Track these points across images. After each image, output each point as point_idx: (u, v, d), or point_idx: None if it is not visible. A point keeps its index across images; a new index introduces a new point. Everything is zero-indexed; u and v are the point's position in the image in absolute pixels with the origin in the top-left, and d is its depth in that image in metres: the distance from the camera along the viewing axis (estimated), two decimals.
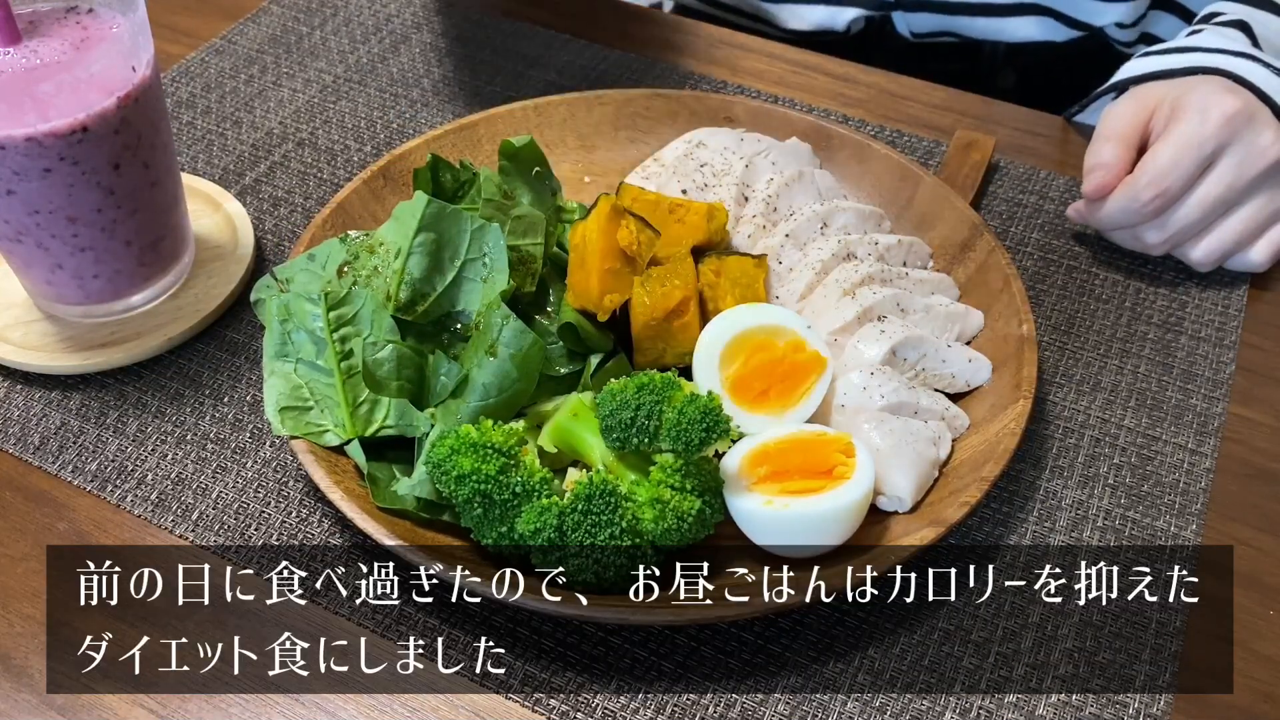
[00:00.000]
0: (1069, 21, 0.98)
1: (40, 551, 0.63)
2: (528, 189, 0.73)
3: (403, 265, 0.66)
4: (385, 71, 0.96)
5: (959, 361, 0.68)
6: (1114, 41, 1.01)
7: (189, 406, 0.71)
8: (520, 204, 0.71)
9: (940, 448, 0.64)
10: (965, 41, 1.03)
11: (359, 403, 0.63)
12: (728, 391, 0.63)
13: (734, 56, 0.99)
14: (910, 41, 1.04)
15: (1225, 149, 0.73)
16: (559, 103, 0.86)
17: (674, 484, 0.57)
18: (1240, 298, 0.78)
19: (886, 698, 0.57)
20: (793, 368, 0.64)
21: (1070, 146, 0.90)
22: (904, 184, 0.79)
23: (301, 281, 0.67)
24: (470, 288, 0.67)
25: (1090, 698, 0.57)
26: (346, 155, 0.88)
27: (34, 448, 0.68)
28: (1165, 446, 0.69)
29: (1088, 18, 0.97)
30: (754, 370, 0.63)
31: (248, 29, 1.01)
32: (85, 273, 0.70)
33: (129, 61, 0.65)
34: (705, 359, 0.64)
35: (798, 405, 0.63)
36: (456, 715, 0.57)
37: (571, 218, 0.74)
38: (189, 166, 0.87)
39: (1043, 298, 0.78)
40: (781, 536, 0.59)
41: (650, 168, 0.80)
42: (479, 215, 0.67)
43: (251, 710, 0.57)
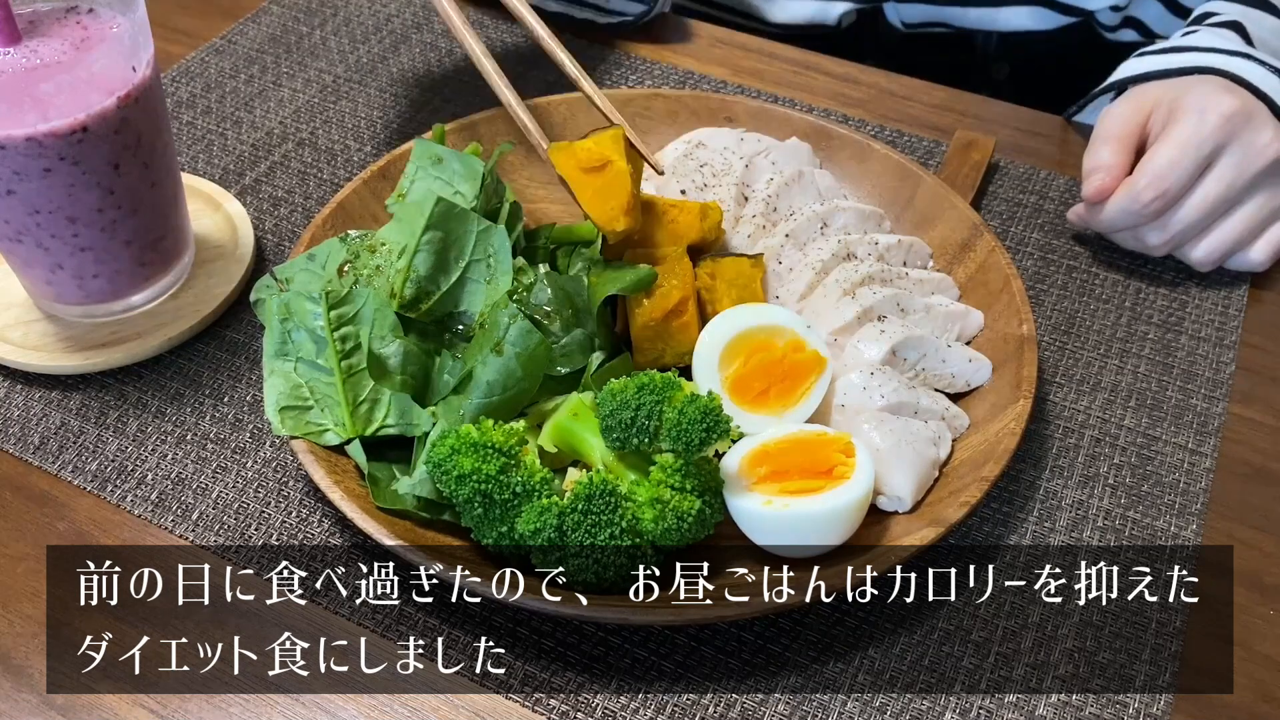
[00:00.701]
0: (1060, 8, 0.98)
1: (40, 551, 0.63)
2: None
3: (409, 262, 0.66)
4: (385, 71, 0.96)
5: (959, 361, 0.68)
6: (1101, 27, 1.00)
7: (189, 406, 0.71)
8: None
9: (940, 448, 0.64)
10: (958, 33, 1.03)
11: (359, 402, 0.63)
12: (727, 391, 0.63)
13: (734, 56, 0.99)
14: (902, 33, 1.04)
15: (1224, 149, 0.73)
16: (559, 103, 0.86)
17: (674, 484, 0.57)
18: (1240, 298, 0.78)
19: (886, 698, 0.57)
20: (792, 367, 0.64)
21: (1070, 146, 0.90)
22: (904, 184, 0.79)
23: (301, 281, 0.67)
24: (474, 288, 0.67)
25: (1090, 698, 0.57)
26: (346, 155, 0.88)
27: (34, 448, 0.68)
28: (1165, 446, 0.69)
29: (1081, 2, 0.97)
30: (754, 370, 0.63)
31: (248, 29, 1.01)
32: (85, 273, 0.70)
33: (129, 61, 0.65)
34: (705, 359, 0.64)
35: (797, 405, 0.63)
36: (456, 715, 0.57)
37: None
38: (189, 166, 0.87)
39: (1043, 298, 0.78)
40: (781, 536, 0.59)
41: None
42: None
43: (251, 710, 0.57)
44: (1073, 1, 0.98)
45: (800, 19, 1.04)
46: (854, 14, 1.04)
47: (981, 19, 1.00)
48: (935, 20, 1.02)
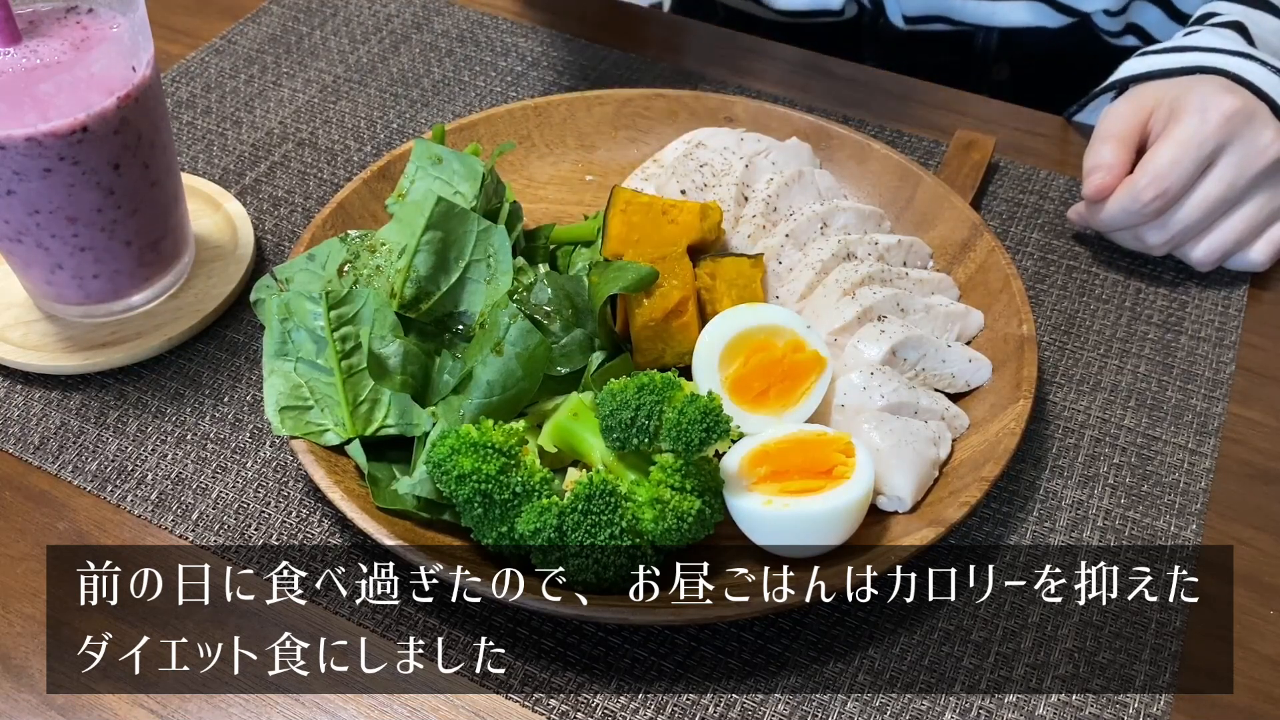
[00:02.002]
0: (1059, 7, 0.98)
1: (40, 551, 0.63)
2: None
3: (409, 262, 0.66)
4: (385, 71, 0.96)
5: (959, 361, 0.68)
6: (1102, 32, 1.01)
7: (189, 406, 0.71)
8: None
9: (940, 448, 0.64)
10: (958, 30, 1.03)
11: (359, 402, 0.63)
12: (727, 392, 0.63)
13: (734, 56, 0.99)
14: (903, 30, 1.04)
15: (1225, 148, 0.73)
16: (559, 103, 0.86)
17: (674, 484, 0.57)
18: (1240, 298, 0.78)
19: (886, 698, 0.57)
20: (792, 367, 0.64)
21: (1070, 146, 0.90)
22: (904, 184, 0.79)
23: (301, 281, 0.67)
24: (473, 289, 0.67)
25: (1090, 698, 0.57)
26: (346, 155, 0.88)
27: (34, 448, 0.68)
28: (1165, 446, 0.69)
29: (1075, 2, 0.97)
30: (754, 370, 0.63)
31: (248, 29, 1.01)
32: (85, 273, 0.70)
33: (129, 61, 0.65)
34: (705, 359, 0.64)
35: (798, 405, 0.63)
36: (456, 715, 0.57)
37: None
38: (189, 166, 0.87)
39: (1043, 298, 0.78)
40: (781, 536, 0.59)
41: (650, 168, 0.80)
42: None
43: (251, 710, 0.57)
44: (1069, 2, 0.98)
45: (803, 5, 1.04)
46: (855, 3, 1.04)
47: (981, 12, 1.00)
48: (936, 13, 1.02)
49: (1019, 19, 1.00)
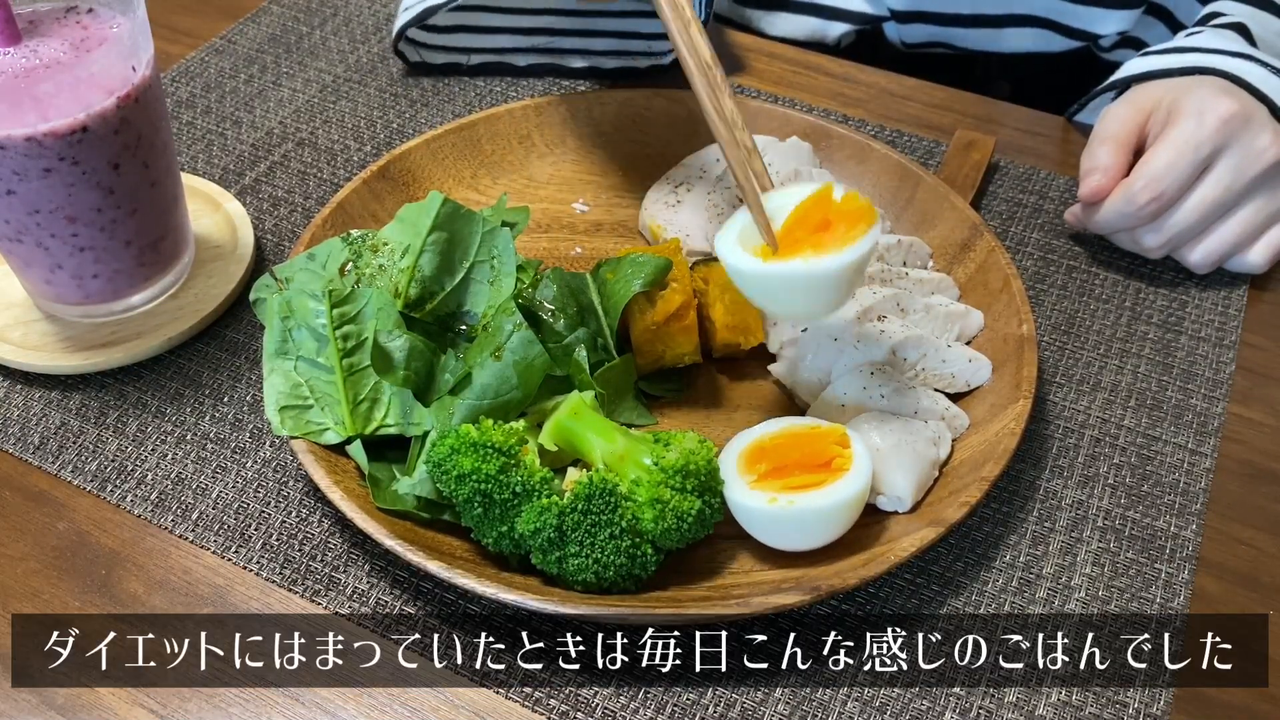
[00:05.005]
0: (1067, 31, 0.97)
1: (40, 551, 0.63)
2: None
3: (414, 262, 0.66)
4: (385, 71, 0.96)
5: (959, 361, 0.68)
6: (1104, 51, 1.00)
7: (189, 406, 0.71)
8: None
9: (940, 448, 0.64)
10: (958, 53, 1.03)
11: (359, 401, 0.63)
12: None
13: (734, 56, 0.99)
14: (902, 52, 1.04)
15: (1222, 151, 0.73)
16: (559, 102, 0.86)
17: (674, 484, 0.57)
18: (1240, 298, 0.78)
19: (886, 698, 0.57)
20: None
21: (1070, 146, 0.90)
22: (904, 184, 0.79)
23: (301, 280, 0.67)
24: (477, 289, 0.68)
25: (1090, 697, 0.57)
26: (346, 155, 0.88)
27: (34, 448, 0.68)
28: (1165, 446, 0.69)
29: (1088, 26, 0.96)
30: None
31: (248, 29, 1.01)
32: (85, 273, 0.70)
33: (129, 61, 0.65)
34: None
35: (842, 248, 0.57)
36: (456, 715, 0.57)
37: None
38: (189, 166, 0.87)
39: (1043, 298, 0.78)
40: (788, 533, 0.59)
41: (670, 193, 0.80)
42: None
43: (251, 710, 0.57)
44: (1080, 26, 0.97)
45: (799, 35, 1.04)
46: (854, 35, 1.04)
47: (983, 40, 0.99)
48: (937, 40, 1.01)
49: (1023, 45, 0.99)
